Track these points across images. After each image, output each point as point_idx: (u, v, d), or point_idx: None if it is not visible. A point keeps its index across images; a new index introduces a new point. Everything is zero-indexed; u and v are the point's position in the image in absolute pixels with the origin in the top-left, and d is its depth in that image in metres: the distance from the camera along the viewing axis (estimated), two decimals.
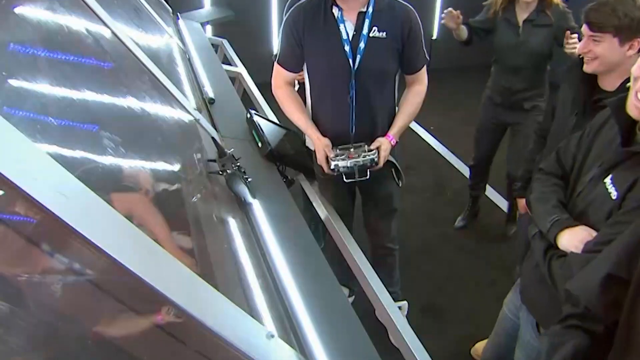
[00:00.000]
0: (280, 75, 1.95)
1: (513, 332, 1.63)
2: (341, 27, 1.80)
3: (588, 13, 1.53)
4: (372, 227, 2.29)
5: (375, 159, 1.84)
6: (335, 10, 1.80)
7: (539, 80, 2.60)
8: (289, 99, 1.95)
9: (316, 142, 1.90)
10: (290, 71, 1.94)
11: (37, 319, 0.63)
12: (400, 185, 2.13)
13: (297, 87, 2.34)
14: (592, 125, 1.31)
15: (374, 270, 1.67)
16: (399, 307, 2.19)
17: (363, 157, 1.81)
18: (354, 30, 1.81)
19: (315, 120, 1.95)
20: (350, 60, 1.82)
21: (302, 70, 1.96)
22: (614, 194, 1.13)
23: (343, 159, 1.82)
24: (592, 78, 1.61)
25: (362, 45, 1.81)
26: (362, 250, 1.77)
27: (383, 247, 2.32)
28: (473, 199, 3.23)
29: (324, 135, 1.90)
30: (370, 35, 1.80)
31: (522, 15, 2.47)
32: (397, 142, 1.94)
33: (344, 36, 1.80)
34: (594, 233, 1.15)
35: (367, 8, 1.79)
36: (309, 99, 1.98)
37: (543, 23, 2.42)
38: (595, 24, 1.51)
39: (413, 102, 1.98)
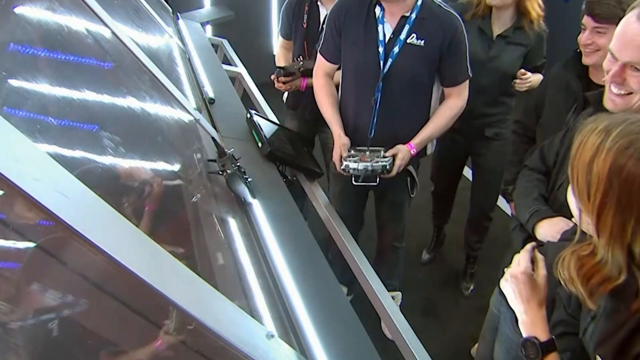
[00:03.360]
0: (320, 66, 1.97)
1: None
2: (379, 27, 1.77)
3: (592, 6, 1.54)
4: (381, 225, 2.34)
5: (388, 167, 1.79)
6: (377, 10, 1.77)
7: (503, 104, 2.27)
8: (323, 91, 1.96)
9: (336, 138, 1.89)
10: (330, 62, 1.93)
11: (37, 319, 0.63)
12: (412, 195, 2.11)
13: None
14: (578, 121, 1.34)
15: (376, 262, 1.68)
16: (393, 297, 2.22)
17: (375, 162, 1.78)
18: (392, 34, 1.77)
19: (341, 112, 1.95)
20: (382, 63, 1.78)
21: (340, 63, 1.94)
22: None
23: (355, 161, 1.79)
24: (586, 74, 1.64)
25: (396, 49, 1.77)
26: (368, 251, 1.76)
27: (389, 244, 2.35)
28: (437, 228, 2.95)
29: (345, 129, 1.90)
30: (408, 41, 1.76)
31: (497, 29, 2.15)
32: (417, 152, 1.88)
33: (380, 37, 1.77)
34: (571, 223, 1.18)
35: (411, 13, 1.74)
36: (339, 92, 1.99)
37: (518, 41, 2.11)
38: (600, 15, 1.52)
39: (444, 115, 1.90)
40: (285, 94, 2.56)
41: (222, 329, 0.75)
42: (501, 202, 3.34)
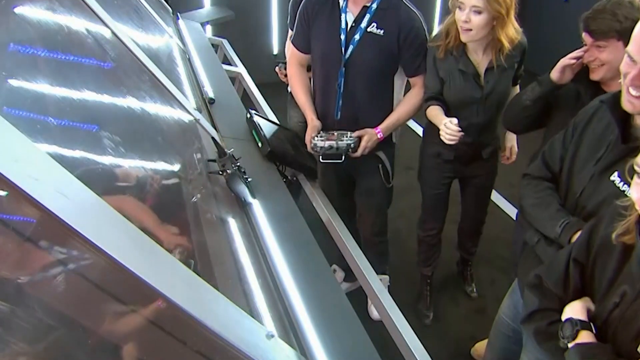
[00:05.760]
0: (293, 55, 2.09)
1: (513, 334, 1.62)
2: (342, 16, 1.88)
3: (587, 22, 1.50)
4: (360, 216, 2.39)
5: (352, 145, 1.92)
6: (341, 0, 1.88)
7: (498, 123, 2.09)
8: (295, 79, 2.09)
9: (309, 122, 2.01)
10: (301, 51, 2.05)
11: (37, 319, 0.63)
12: (388, 185, 2.18)
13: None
14: (577, 123, 1.31)
15: (364, 252, 1.73)
16: (380, 279, 2.26)
17: (340, 141, 1.92)
18: (353, 22, 1.88)
19: (313, 100, 2.07)
20: (343, 49, 1.90)
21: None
22: (629, 192, 1.12)
23: (322, 140, 1.92)
24: (597, 83, 1.59)
25: (357, 37, 1.88)
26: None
27: (368, 239, 2.39)
28: (426, 281, 2.62)
29: (317, 114, 2.03)
30: (368, 29, 1.87)
31: (482, 62, 1.92)
32: (384, 136, 1.99)
33: (342, 25, 1.88)
34: None
35: (372, 4, 1.86)
36: (311, 79, 2.11)
37: (509, 64, 1.91)
38: (597, 31, 1.48)
39: (409, 103, 2.03)
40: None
41: (222, 328, 0.75)
42: (502, 202, 3.35)
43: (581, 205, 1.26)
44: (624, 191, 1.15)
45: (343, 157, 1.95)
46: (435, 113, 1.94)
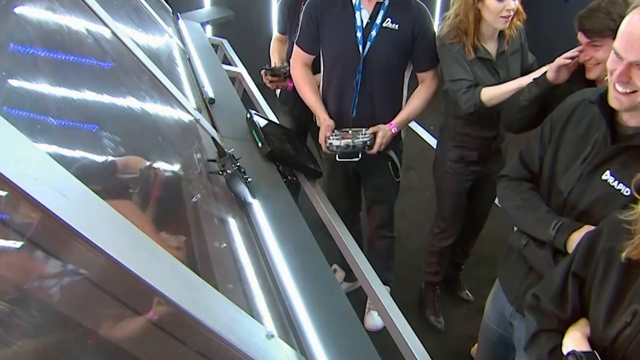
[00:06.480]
0: (297, 57, 2.08)
1: (498, 339, 1.61)
2: (357, 14, 1.89)
3: (581, 21, 1.49)
4: (368, 210, 2.41)
5: (369, 142, 1.93)
6: None
7: None
8: (303, 80, 2.08)
9: (321, 121, 2.01)
10: (307, 52, 2.05)
11: (37, 319, 0.63)
12: (397, 179, 2.21)
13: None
14: (555, 121, 1.30)
15: (369, 252, 1.71)
16: None
17: (356, 139, 1.92)
18: (369, 19, 1.90)
19: (324, 99, 2.07)
20: (360, 47, 1.90)
21: (318, 53, 2.06)
22: (625, 190, 1.12)
23: (338, 139, 1.93)
24: (592, 82, 1.59)
25: (373, 33, 1.90)
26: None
27: (375, 230, 2.41)
28: (434, 287, 2.59)
29: (329, 113, 2.02)
30: (383, 25, 1.89)
31: (492, 47, 1.97)
32: (398, 131, 2.01)
33: (358, 23, 1.89)
34: None
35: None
36: (321, 80, 2.10)
37: (516, 47, 1.99)
38: (591, 30, 1.48)
39: (420, 97, 2.05)
40: (278, 90, 2.60)
41: (222, 328, 0.74)
42: None
43: (570, 205, 1.24)
44: (619, 190, 1.13)
45: (360, 155, 1.96)
46: (497, 87, 1.88)
